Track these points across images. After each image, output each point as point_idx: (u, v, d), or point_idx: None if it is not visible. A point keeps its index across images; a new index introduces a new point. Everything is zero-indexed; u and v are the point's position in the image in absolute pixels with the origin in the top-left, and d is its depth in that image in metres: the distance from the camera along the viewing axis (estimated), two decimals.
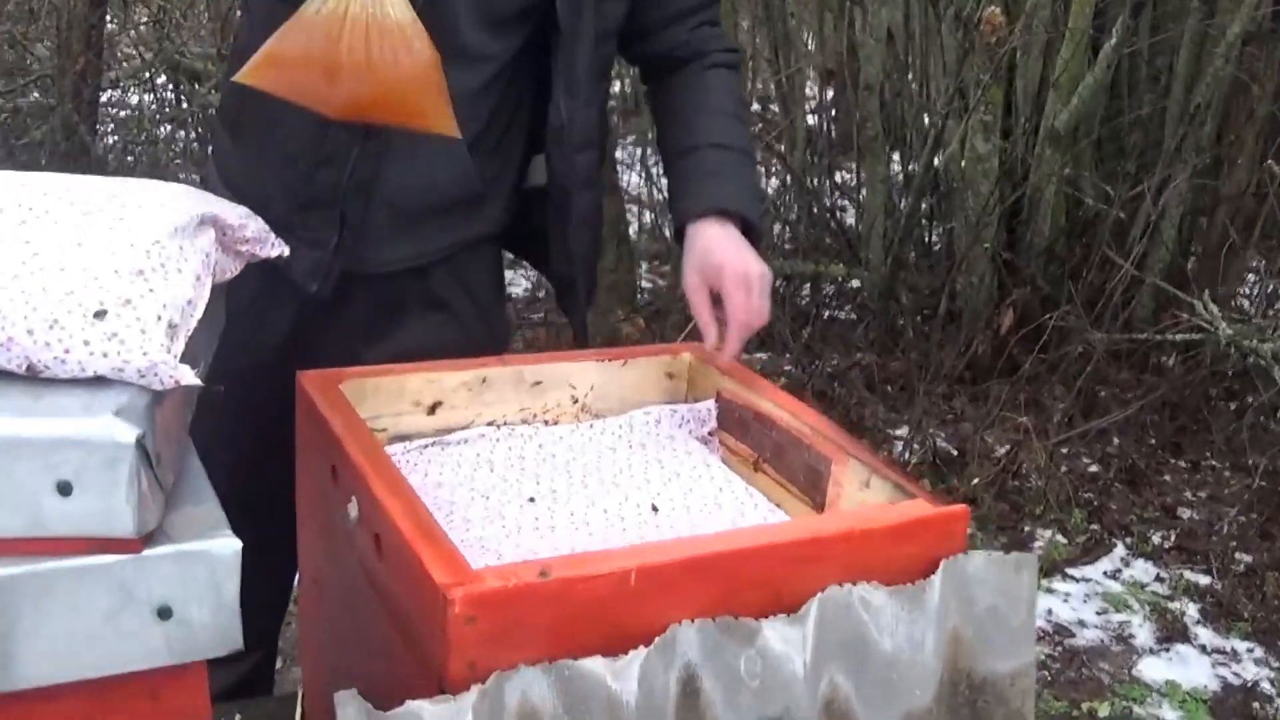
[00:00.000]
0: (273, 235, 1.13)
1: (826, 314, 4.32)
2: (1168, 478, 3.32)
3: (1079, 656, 2.44)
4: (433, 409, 1.28)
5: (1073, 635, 2.53)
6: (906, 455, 3.28)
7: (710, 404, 1.39)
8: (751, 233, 1.40)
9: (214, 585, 0.85)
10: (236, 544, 0.86)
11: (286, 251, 1.14)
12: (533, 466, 1.27)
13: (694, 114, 1.48)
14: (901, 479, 1.11)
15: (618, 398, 1.40)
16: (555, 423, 1.37)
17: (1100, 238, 3.78)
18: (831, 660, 0.98)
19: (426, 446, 1.28)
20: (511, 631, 0.87)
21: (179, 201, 1.02)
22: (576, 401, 1.38)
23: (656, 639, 0.90)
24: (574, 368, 1.37)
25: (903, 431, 3.44)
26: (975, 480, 3.17)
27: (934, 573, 1.03)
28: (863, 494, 1.15)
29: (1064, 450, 3.30)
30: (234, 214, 1.09)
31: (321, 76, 1.17)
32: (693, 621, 0.92)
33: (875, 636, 0.99)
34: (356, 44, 1.16)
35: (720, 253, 1.36)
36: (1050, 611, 2.61)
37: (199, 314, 0.95)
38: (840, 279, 4.39)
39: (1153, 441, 3.43)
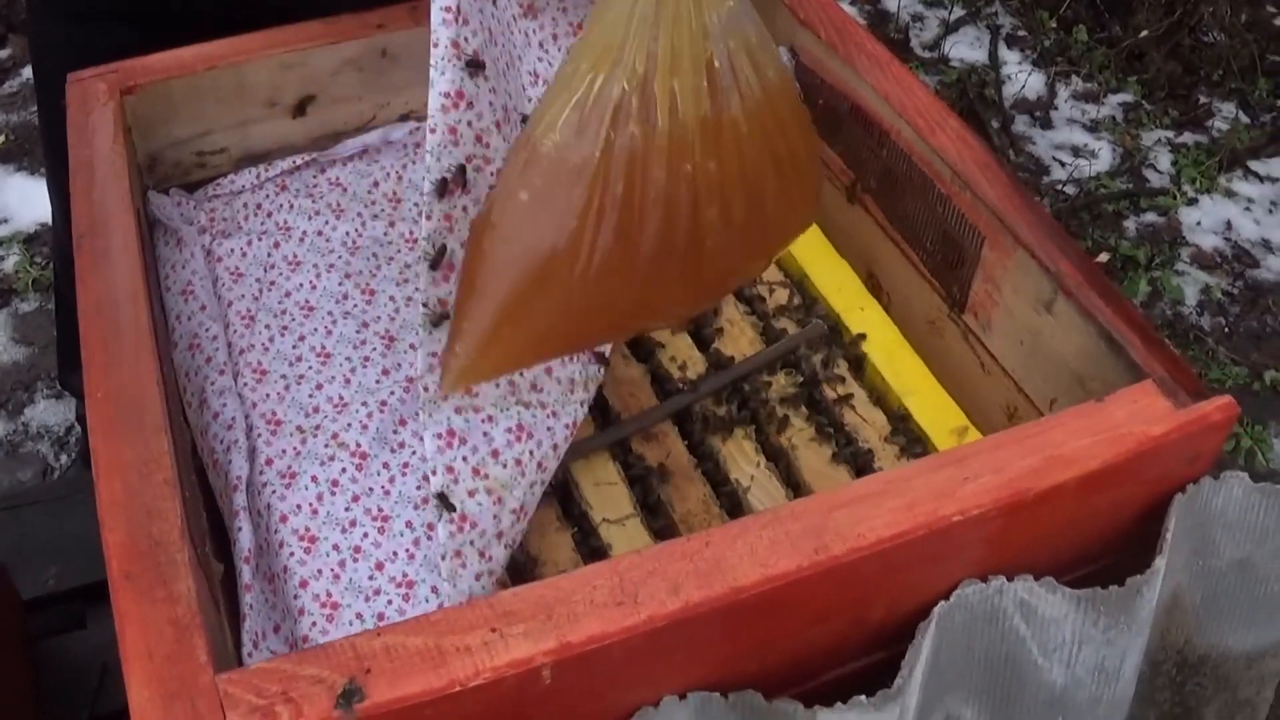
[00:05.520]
0: None
1: None
2: None
3: (1265, 298, 1.91)
4: (300, 107, 0.76)
5: (1256, 264, 1.97)
6: None
7: (784, 51, 0.84)
8: None
9: None
10: None
11: None
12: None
13: None
14: (1115, 314, 0.59)
15: None
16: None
17: None
18: (950, 692, 0.54)
19: (296, 169, 0.77)
20: None
21: None
22: None
23: None
24: None
25: None
26: (1144, 32, 2.50)
27: (1157, 522, 0.55)
28: (1034, 320, 0.63)
29: None
30: None
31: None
32: (683, 699, 0.47)
33: (1037, 662, 0.54)
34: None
35: None
36: (1228, 226, 2.05)
37: None
38: None
39: None
